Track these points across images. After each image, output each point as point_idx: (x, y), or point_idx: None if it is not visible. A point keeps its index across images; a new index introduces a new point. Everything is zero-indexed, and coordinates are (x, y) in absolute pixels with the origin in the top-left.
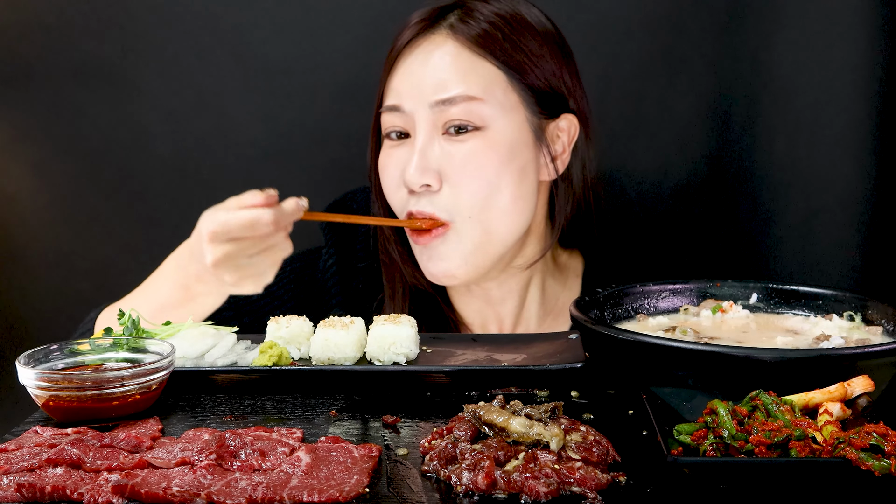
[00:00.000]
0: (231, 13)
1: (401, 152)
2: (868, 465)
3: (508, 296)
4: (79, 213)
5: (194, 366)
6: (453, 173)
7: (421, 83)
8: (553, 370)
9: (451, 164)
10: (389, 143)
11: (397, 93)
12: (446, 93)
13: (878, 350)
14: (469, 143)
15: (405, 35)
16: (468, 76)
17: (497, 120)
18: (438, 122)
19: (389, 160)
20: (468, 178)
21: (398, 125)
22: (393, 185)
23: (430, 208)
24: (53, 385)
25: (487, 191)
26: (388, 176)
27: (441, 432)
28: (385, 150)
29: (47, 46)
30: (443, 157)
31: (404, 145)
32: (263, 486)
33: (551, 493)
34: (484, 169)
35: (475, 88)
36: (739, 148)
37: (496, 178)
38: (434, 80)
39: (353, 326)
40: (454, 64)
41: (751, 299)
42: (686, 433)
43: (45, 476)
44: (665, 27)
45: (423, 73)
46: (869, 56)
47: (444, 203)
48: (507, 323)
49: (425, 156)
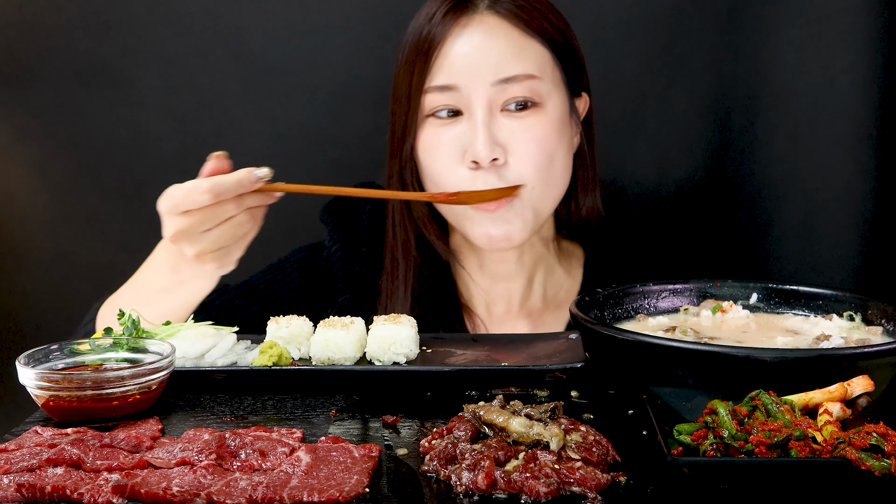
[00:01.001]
0: (231, 13)
1: (453, 131)
2: (868, 465)
3: (519, 273)
4: (79, 213)
5: (194, 366)
6: (518, 147)
7: (478, 63)
8: (553, 370)
9: (515, 138)
10: (437, 121)
11: (450, 72)
12: (507, 72)
13: (878, 350)
14: (530, 118)
15: (442, 20)
16: (523, 55)
17: (551, 95)
18: (498, 99)
19: (439, 139)
20: (531, 151)
21: (450, 104)
22: (448, 162)
23: (501, 183)
24: (53, 385)
25: (548, 163)
26: (442, 154)
27: (441, 432)
28: (431, 130)
29: (47, 46)
30: (506, 132)
31: (458, 123)
32: (263, 486)
33: (551, 493)
34: (544, 142)
35: (531, 67)
36: (739, 148)
37: (555, 150)
38: (492, 59)
39: (353, 326)
40: (508, 43)
41: (751, 299)
42: (686, 433)
43: (45, 476)
44: (665, 27)
45: (479, 53)
46: (869, 56)
47: (512, 176)
48: (514, 302)
49: (490, 130)
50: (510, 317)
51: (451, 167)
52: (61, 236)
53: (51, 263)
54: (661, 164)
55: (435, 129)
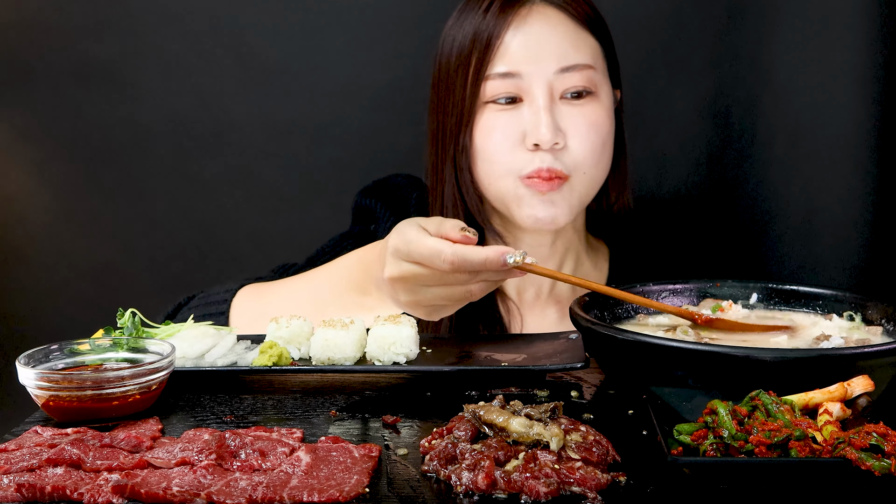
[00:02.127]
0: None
1: (513, 116)
2: (868, 465)
3: (550, 258)
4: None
5: (194, 366)
6: (576, 133)
7: (542, 51)
8: (553, 370)
9: (574, 124)
10: (496, 108)
11: (513, 60)
12: (568, 61)
13: (878, 350)
14: (587, 106)
15: (500, 9)
16: (581, 45)
17: (603, 86)
18: (559, 87)
19: (499, 123)
20: (589, 137)
21: (511, 91)
22: (507, 146)
23: (558, 164)
24: (53, 385)
25: (601, 150)
26: (501, 138)
27: (441, 432)
28: (491, 114)
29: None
30: (566, 118)
31: (517, 109)
32: (263, 486)
33: (551, 493)
34: (600, 130)
35: (588, 57)
36: (739, 148)
37: (608, 137)
38: (554, 48)
39: (352, 326)
40: (566, 33)
41: (751, 299)
42: (686, 433)
43: (45, 476)
44: (665, 27)
45: (542, 41)
46: (869, 56)
47: (568, 160)
48: (544, 288)
49: (553, 116)
50: (539, 302)
51: (509, 148)
52: (61, 236)
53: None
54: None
55: (495, 114)
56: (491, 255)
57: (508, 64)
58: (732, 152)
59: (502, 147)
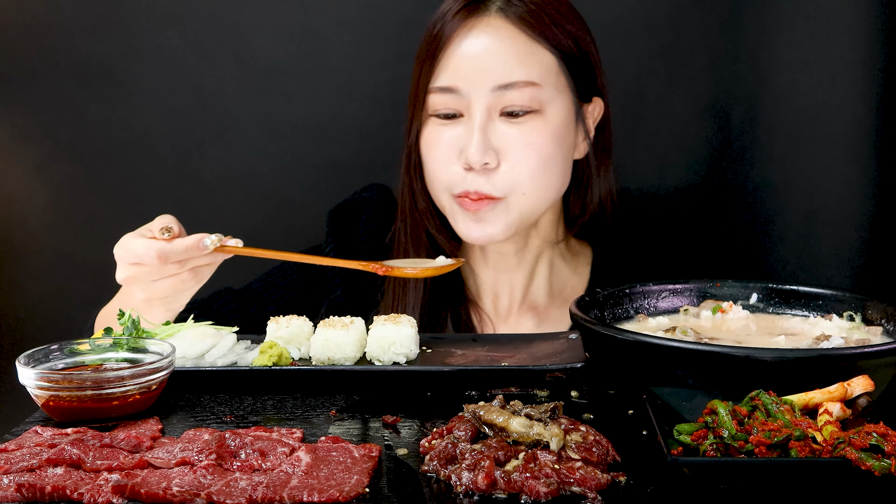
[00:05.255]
0: (231, 13)
1: (453, 131)
2: (868, 465)
3: (520, 266)
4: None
5: (194, 366)
6: (511, 153)
7: (480, 67)
8: (553, 370)
9: (510, 144)
10: (438, 121)
11: (452, 75)
12: (507, 78)
13: (878, 350)
14: (527, 124)
15: (452, 21)
16: (527, 61)
17: (552, 103)
18: (497, 104)
19: (438, 137)
20: (525, 157)
21: (450, 106)
22: (444, 162)
23: (487, 186)
24: (53, 385)
25: (543, 169)
26: (439, 153)
27: (441, 432)
28: (432, 128)
29: (47, 46)
30: (501, 137)
31: (457, 124)
32: (263, 486)
33: (551, 493)
34: (540, 149)
35: (534, 74)
36: (739, 148)
37: (551, 157)
38: (494, 64)
39: (353, 326)
40: (513, 48)
41: (751, 299)
42: (686, 433)
43: (45, 476)
44: (665, 27)
45: (482, 57)
46: (869, 56)
47: (501, 181)
48: (517, 295)
49: (486, 135)
50: (514, 310)
51: (446, 165)
52: (61, 236)
53: (51, 263)
54: (661, 164)
55: (436, 127)
56: (190, 243)
57: (448, 79)
58: (732, 152)
59: (439, 163)
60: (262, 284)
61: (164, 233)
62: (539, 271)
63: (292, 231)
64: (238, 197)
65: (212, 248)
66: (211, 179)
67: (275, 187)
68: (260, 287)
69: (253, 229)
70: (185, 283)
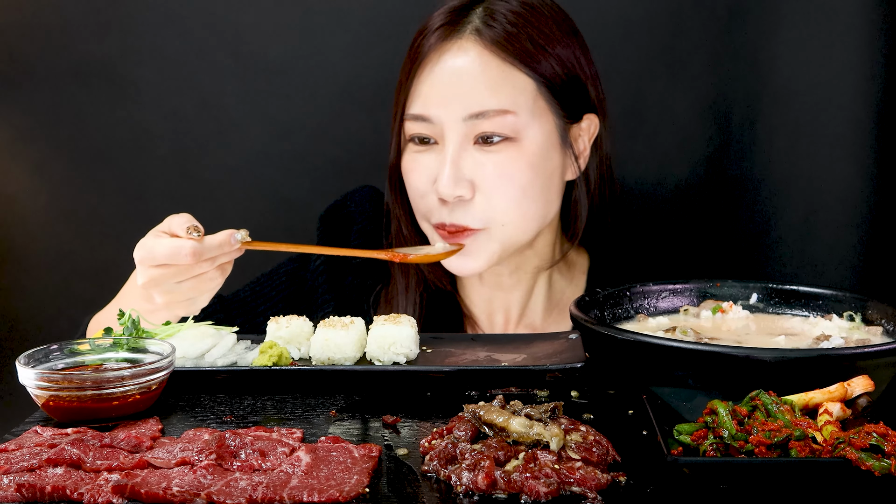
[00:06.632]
0: (231, 13)
1: (427, 159)
2: (868, 465)
3: (517, 285)
4: (79, 213)
5: (194, 366)
6: (486, 183)
7: (451, 95)
8: (553, 370)
9: (484, 173)
10: (414, 147)
11: (424, 103)
12: (479, 107)
13: (878, 350)
14: (502, 153)
15: (429, 40)
16: (500, 88)
17: (528, 129)
18: (470, 133)
19: (415, 165)
20: (502, 187)
21: (424, 133)
22: (420, 190)
23: (465, 219)
24: (53, 385)
25: (521, 198)
26: (415, 181)
27: (441, 432)
28: (409, 155)
29: (47, 46)
30: (475, 167)
31: (431, 151)
32: (263, 486)
33: (551, 493)
34: (516, 177)
35: (507, 101)
36: (739, 148)
37: (529, 185)
38: (465, 92)
39: (353, 326)
40: (485, 75)
41: (751, 299)
42: (686, 433)
43: (45, 476)
44: (665, 27)
45: (453, 85)
46: (869, 56)
47: (478, 213)
48: (513, 313)
49: (458, 166)
50: (510, 327)
51: (423, 193)
52: (61, 236)
53: (51, 263)
54: (661, 164)
55: (413, 154)
56: (223, 239)
57: (421, 107)
58: (732, 152)
59: (417, 190)
60: (250, 293)
61: (191, 232)
62: (537, 290)
63: (292, 231)
64: (238, 197)
65: (242, 242)
66: (211, 179)
67: (275, 187)
68: (248, 296)
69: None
70: (213, 280)
